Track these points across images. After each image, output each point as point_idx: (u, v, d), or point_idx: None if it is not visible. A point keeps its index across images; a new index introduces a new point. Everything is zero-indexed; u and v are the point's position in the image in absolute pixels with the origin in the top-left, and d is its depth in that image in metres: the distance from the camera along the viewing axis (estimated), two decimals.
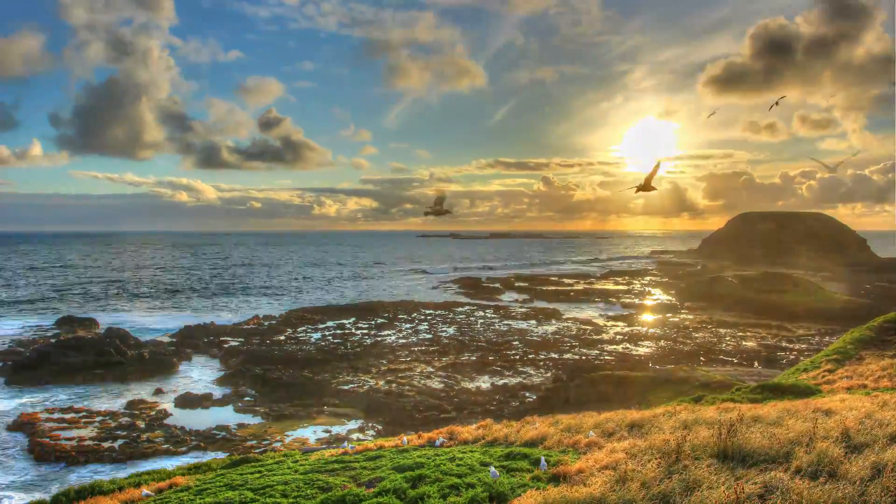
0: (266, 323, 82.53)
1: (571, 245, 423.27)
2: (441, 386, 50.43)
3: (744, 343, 68.98)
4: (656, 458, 9.97)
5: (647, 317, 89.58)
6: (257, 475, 13.55)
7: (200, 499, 11.98)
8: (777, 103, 31.87)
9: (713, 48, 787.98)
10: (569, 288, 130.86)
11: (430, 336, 72.85)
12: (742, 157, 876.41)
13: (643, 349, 65.68)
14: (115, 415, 42.44)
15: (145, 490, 13.53)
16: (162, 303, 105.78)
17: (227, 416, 43.01)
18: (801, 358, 55.80)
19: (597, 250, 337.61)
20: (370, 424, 41.29)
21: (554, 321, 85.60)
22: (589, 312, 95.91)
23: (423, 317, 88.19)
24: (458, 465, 11.52)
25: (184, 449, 36.06)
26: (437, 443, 15.07)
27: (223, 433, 38.69)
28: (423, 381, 51.77)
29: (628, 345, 68.13)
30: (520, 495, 9.41)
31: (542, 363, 58.98)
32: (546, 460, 11.46)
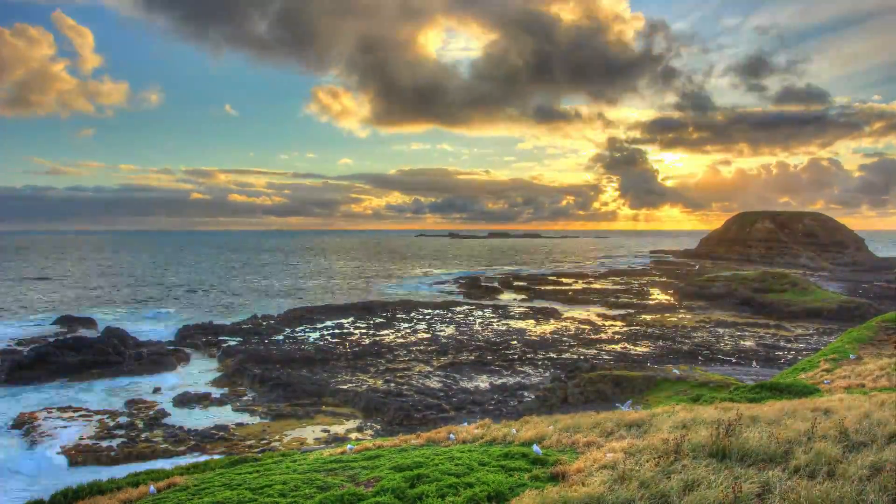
0: (264, 322, 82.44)
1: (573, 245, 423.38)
2: (439, 385, 50.42)
3: (742, 342, 69.05)
4: (655, 458, 9.98)
5: (646, 316, 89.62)
6: (256, 475, 13.54)
7: (199, 499, 11.96)
8: None
9: None
10: (567, 287, 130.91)
11: (428, 336, 72.82)
12: None
13: (641, 349, 65.73)
14: (113, 414, 42.39)
15: (152, 486, 13.57)
16: (160, 302, 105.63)
17: (225, 415, 42.98)
18: (800, 357, 55.88)
19: (596, 250, 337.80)
20: (369, 424, 41.27)
21: (552, 321, 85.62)
22: (587, 312, 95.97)
23: (421, 316, 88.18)
24: (456, 465, 11.51)
25: (182, 449, 36.03)
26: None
27: (221, 433, 38.67)
28: (421, 381, 51.76)
29: (627, 344, 68.17)
30: (518, 495, 9.40)
31: (540, 363, 58.98)
32: (542, 454, 11.47)
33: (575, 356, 61.59)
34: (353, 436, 38.36)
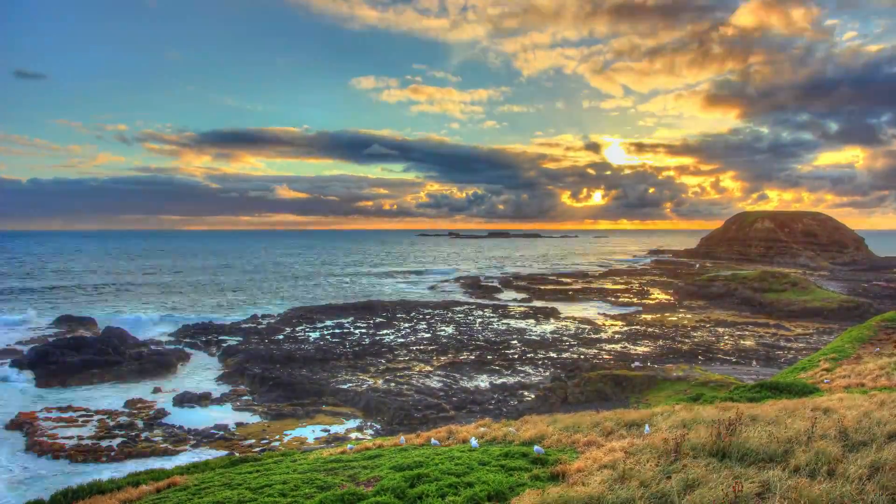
0: (265, 322, 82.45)
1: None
2: (440, 385, 50.43)
3: (742, 342, 69.06)
4: (655, 457, 9.99)
5: (646, 316, 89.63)
6: (256, 474, 13.56)
7: (199, 498, 11.97)
8: None
9: None
10: (567, 287, 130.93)
11: (428, 335, 72.83)
12: None
13: (642, 348, 65.72)
14: (113, 414, 42.39)
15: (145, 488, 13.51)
16: (161, 302, 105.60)
17: (225, 415, 42.98)
18: (800, 357, 55.91)
19: (595, 249, 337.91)
20: (369, 423, 41.28)
21: (552, 320, 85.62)
22: (587, 311, 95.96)
23: (421, 316, 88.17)
24: (456, 465, 11.52)
25: (182, 448, 36.03)
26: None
27: (222, 432, 38.66)
28: (421, 381, 51.76)
29: (627, 344, 68.15)
30: (519, 494, 9.40)
31: (540, 362, 58.98)
32: (543, 454, 11.48)
33: (575, 356, 61.59)
34: (354, 435, 38.36)
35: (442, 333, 73.91)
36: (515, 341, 69.06)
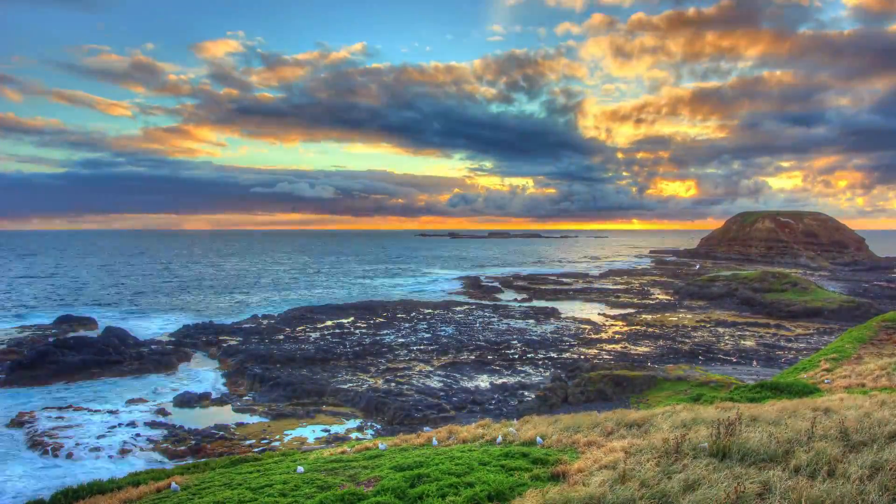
0: (265, 322, 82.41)
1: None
2: (440, 385, 50.40)
3: (742, 342, 69.02)
4: (655, 457, 9.98)
5: (646, 316, 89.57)
6: (256, 474, 13.56)
7: (199, 498, 11.97)
8: None
9: None
10: (568, 287, 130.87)
11: (428, 335, 72.80)
12: None
13: (642, 348, 65.69)
14: (113, 414, 42.38)
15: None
16: (161, 302, 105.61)
17: (225, 415, 42.98)
18: (800, 357, 55.88)
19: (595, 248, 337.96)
20: (369, 423, 41.26)
21: (553, 320, 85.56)
22: (588, 311, 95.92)
23: (421, 316, 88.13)
24: (456, 465, 11.51)
25: (182, 449, 36.02)
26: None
27: (222, 432, 38.65)
28: (421, 381, 51.74)
29: (627, 344, 68.12)
30: (519, 494, 9.40)
31: (540, 362, 58.96)
32: (543, 453, 11.47)
33: (575, 356, 61.56)
34: (354, 435, 38.34)
35: (442, 333, 73.88)
36: (516, 341, 69.03)
